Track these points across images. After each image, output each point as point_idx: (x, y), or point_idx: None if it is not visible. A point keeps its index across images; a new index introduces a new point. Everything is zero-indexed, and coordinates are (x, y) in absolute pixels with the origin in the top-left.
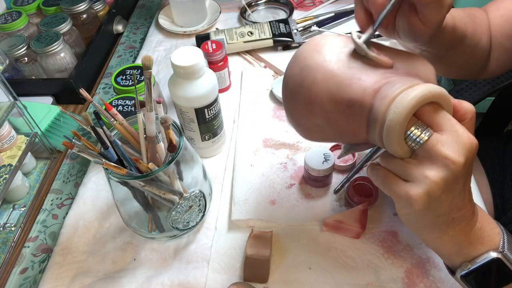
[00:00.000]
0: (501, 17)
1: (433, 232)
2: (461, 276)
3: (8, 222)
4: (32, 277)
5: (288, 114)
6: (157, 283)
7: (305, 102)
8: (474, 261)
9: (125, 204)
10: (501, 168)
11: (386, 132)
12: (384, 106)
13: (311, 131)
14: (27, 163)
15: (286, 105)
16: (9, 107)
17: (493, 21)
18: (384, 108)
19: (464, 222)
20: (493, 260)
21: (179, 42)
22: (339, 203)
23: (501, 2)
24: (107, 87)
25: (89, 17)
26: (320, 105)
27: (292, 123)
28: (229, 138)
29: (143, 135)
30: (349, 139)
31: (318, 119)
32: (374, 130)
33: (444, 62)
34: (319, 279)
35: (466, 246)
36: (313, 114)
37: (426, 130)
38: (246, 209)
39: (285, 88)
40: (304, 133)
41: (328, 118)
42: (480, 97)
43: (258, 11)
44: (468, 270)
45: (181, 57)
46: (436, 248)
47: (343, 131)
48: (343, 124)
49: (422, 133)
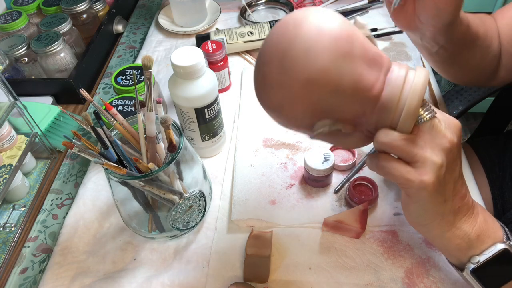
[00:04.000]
0: (507, 25)
1: (442, 226)
2: (471, 272)
3: (8, 222)
4: (32, 277)
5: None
6: (157, 283)
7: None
8: (483, 253)
9: (125, 204)
10: (501, 168)
11: (407, 109)
12: (400, 85)
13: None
14: (27, 163)
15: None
16: (9, 107)
17: (500, 29)
18: (401, 86)
19: (468, 212)
20: (502, 251)
21: (179, 42)
22: (339, 203)
23: (506, 11)
24: (107, 87)
25: (89, 17)
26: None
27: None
28: (229, 138)
29: (143, 135)
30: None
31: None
32: (387, 110)
33: (458, 62)
34: (319, 279)
35: (474, 239)
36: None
37: (431, 110)
38: (246, 209)
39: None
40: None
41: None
42: (480, 97)
43: (258, 11)
44: (478, 264)
45: (181, 57)
46: (445, 244)
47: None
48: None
49: (427, 112)
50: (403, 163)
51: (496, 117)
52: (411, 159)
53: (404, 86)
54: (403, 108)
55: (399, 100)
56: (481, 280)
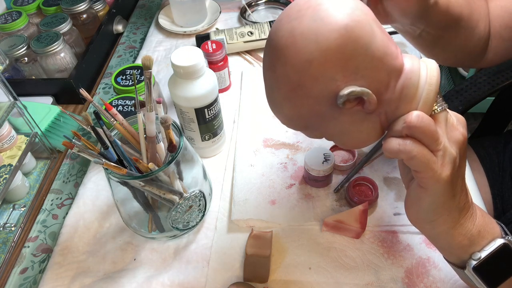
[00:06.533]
0: (501, 7)
1: (447, 222)
2: (473, 269)
3: (8, 222)
4: (32, 277)
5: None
6: (157, 283)
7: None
8: (483, 249)
9: (125, 204)
10: (501, 168)
11: (428, 86)
12: (418, 62)
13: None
14: (27, 163)
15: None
16: (9, 107)
17: (493, 11)
18: (418, 64)
19: (470, 210)
20: (502, 246)
21: (179, 42)
22: (339, 203)
23: None
24: (107, 87)
25: (89, 17)
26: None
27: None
28: (229, 138)
29: (143, 135)
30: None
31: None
32: (410, 84)
33: (442, 45)
34: (319, 279)
35: (475, 235)
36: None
37: (443, 102)
38: (246, 209)
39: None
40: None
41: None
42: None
43: (258, 11)
44: (480, 261)
45: (181, 57)
46: (448, 242)
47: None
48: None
49: (439, 104)
50: (429, 150)
51: (496, 117)
52: (436, 147)
53: (421, 66)
54: (423, 87)
55: (419, 78)
56: (483, 277)
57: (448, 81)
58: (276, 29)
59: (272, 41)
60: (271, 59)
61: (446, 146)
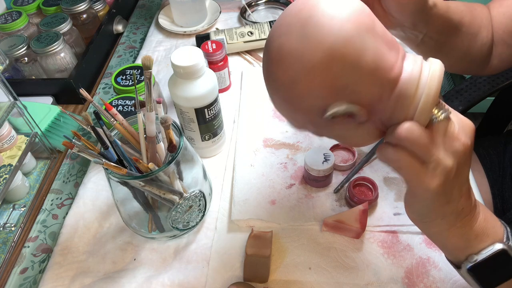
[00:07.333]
0: (503, 14)
1: (442, 225)
2: (468, 270)
3: (8, 222)
4: (32, 277)
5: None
6: (157, 283)
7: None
8: (480, 253)
9: (125, 204)
10: (501, 168)
11: (425, 96)
12: (418, 71)
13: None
14: (27, 163)
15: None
16: (9, 107)
17: (496, 18)
18: (419, 72)
19: (470, 213)
20: (499, 251)
21: (179, 42)
22: (339, 203)
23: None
24: (107, 87)
25: (89, 17)
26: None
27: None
28: (229, 138)
29: (143, 135)
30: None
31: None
32: (405, 96)
33: (445, 51)
34: (319, 279)
35: (472, 238)
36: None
37: (446, 109)
38: (246, 209)
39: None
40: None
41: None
42: (480, 97)
43: (258, 11)
44: (475, 263)
45: (181, 57)
46: (443, 242)
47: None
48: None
49: (441, 111)
50: (418, 161)
51: (496, 117)
52: (428, 159)
53: (422, 72)
54: (421, 96)
55: (417, 87)
56: (478, 279)
57: (448, 81)
58: (268, 41)
59: (266, 51)
60: (265, 67)
61: (439, 158)
